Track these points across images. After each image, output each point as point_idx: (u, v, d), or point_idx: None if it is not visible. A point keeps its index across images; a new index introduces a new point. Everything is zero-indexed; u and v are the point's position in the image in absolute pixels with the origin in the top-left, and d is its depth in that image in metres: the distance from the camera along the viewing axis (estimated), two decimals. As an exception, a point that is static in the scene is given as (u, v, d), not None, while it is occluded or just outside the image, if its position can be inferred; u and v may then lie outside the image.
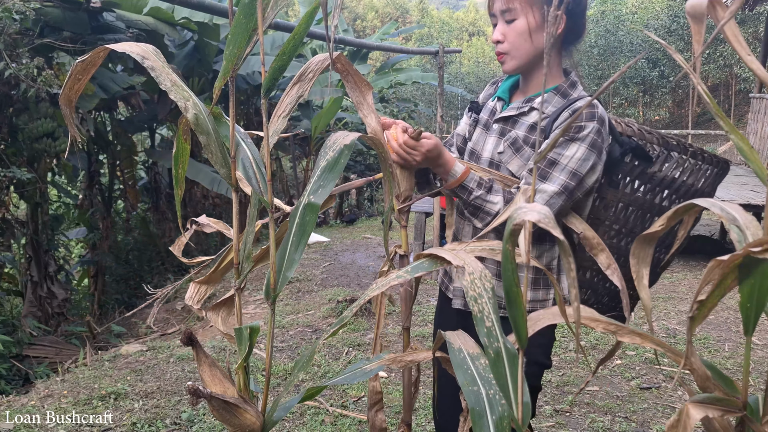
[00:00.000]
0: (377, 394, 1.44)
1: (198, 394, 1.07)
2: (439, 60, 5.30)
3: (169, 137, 9.78)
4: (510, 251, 0.84)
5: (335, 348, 3.80)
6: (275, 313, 1.27)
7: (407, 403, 1.48)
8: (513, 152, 1.51)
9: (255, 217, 1.22)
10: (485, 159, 1.57)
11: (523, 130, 1.51)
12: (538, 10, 1.45)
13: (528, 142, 1.49)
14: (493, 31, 1.53)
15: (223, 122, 1.21)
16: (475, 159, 1.61)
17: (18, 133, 5.66)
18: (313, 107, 10.74)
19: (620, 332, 1.00)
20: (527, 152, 1.49)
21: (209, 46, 7.98)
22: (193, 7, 5.36)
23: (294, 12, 20.27)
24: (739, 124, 15.20)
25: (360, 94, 1.30)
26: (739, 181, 7.36)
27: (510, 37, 1.48)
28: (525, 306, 0.89)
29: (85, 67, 1.09)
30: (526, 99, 1.55)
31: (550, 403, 3.03)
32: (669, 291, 5.00)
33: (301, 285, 5.57)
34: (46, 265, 6.27)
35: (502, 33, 1.49)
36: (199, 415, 2.92)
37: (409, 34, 22.38)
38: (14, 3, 4.75)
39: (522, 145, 1.50)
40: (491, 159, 1.56)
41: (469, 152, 1.65)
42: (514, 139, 1.52)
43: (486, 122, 1.63)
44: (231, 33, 1.08)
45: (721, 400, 0.91)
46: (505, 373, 0.92)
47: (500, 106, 1.62)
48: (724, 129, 0.88)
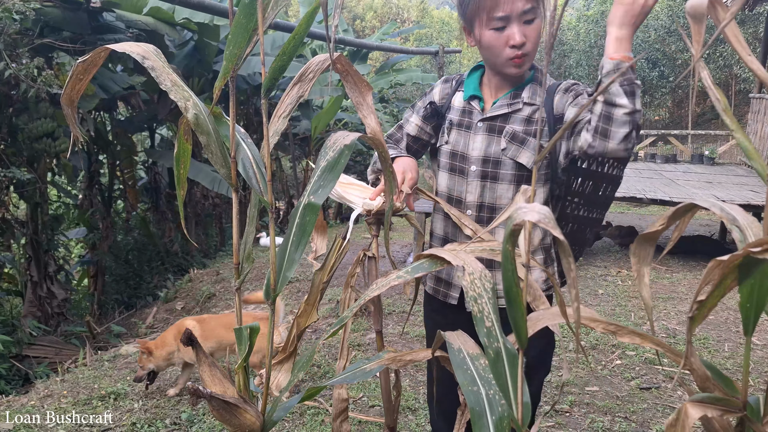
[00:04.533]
0: (343, 402, 1.43)
1: (198, 394, 1.07)
2: (439, 60, 5.30)
3: (169, 137, 9.78)
4: (510, 251, 0.84)
5: (335, 348, 3.79)
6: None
7: (388, 407, 1.48)
8: (518, 145, 1.55)
9: (255, 217, 1.22)
10: (476, 157, 1.60)
11: (519, 125, 1.55)
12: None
13: (529, 133, 1.54)
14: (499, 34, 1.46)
15: (223, 122, 1.21)
16: (460, 159, 1.63)
17: (18, 133, 5.66)
18: (313, 107, 10.74)
19: (620, 332, 1.00)
20: (532, 142, 1.53)
21: (209, 46, 7.98)
22: (193, 7, 5.37)
23: (294, 12, 20.27)
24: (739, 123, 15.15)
25: (360, 94, 1.30)
26: (739, 181, 7.36)
27: (532, 38, 1.45)
28: (525, 305, 0.89)
29: (86, 68, 1.09)
30: (511, 94, 1.57)
31: (549, 403, 3.02)
32: (669, 291, 5.00)
33: (301, 285, 5.57)
34: (46, 265, 6.27)
35: (524, 34, 1.44)
36: (198, 415, 2.92)
37: (409, 34, 22.37)
38: (14, 3, 4.75)
39: (525, 137, 1.54)
40: (485, 157, 1.59)
41: (449, 154, 1.66)
42: (512, 134, 1.55)
43: (465, 123, 1.63)
44: (231, 33, 1.08)
45: (720, 399, 0.91)
46: (504, 374, 0.92)
47: (477, 104, 1.62)
48: (729, 127, 0.88)
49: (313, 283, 1.36)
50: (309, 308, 1.32)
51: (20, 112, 5.70)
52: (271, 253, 1.15)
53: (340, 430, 1.42)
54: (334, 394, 1.44)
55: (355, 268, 1.47)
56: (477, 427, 0.91)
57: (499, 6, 1.42)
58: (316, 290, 1.34)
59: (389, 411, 1.48)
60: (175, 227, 8.74)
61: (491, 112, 1.59)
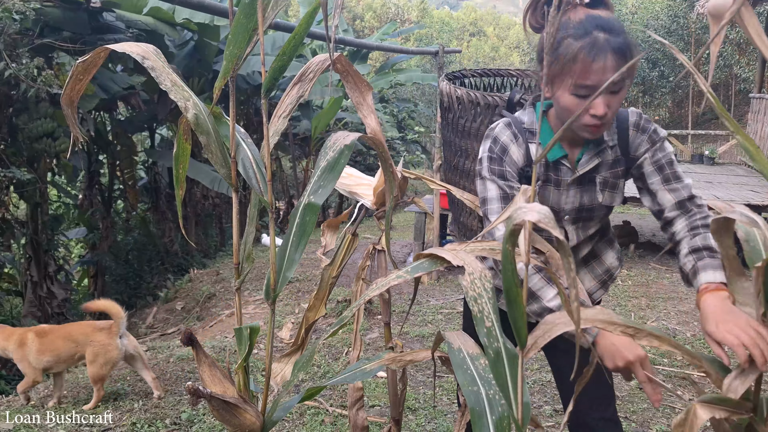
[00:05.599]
0: (358, 390, 1.45)
1: (198, 394, 1.07)
2: (439, 60, 5.30)
3: (169, 137, 9.78)
4: (510, 251, 0.84)
5: (335, 348, 3.80)
6: (275, 313, 1.27)
7: (394, 400, 1.49)
8: (611, 191, 1.56)
9: (255, 217, 1.22)
10: (570, 209, 1.57)
11: (606, 170, 1.54)
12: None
13: (617, 176, 1.55)
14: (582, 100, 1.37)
15: (223, 122, 1.22)
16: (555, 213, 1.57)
17: (18, 133, 5.66)
18: (313, 107, 10.74)
19: (639, 335, 0.99)
20: (621, 183, 1.55)
21: (209, 46, 7.99)
22: (193, 7, 5.36)
23: (294, 12, 20.26)
24: (739, 124, 15.13)
25: (360, 94, 1.30)
26: (739, 181, 7.36)
27: (614, 106, 1.39)
28: (525, 305, 0.89)
29: (86, 68, 1.09)
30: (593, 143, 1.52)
31: (550, 403, 3.02)
32: (669, 291, 5.00)
33: (301, 285, 5.57)
34: (46, 265, 6.27)
35: (607, 104, 1.37)
36: (198, 415, 2.92)
37: (409, 34, 22.37)
38: (14, 3, 4.75)
39: (615, 182, 1.55)
40: (580, 207, 1.57)
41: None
42: (603, 182, 1.55)
43: (552, 179, 1.56)
44: (231, 33, 1.08)
45: (729, 401, 0.91)
46: (504, 374, 0.92)
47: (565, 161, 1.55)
48: (729, 129, 0.88)
49: (323, 278, 1.37)
50: (318, 303, 1.33)
51: (20, 112, 5.70)
52: (271, 253, 1.15)
53: (357, 418, 1.43)
54: (349, 384, 1.45)
55: (365, 261, 1.50)
56: (477, 427, 0.91)
57: (588, 76, 1.33)
58: (326, 285, 1.35)
59: (395, 404, 1.48)
60: (175, 227, 8.74)
61: (583, 168, 1.53)
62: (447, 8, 52.22)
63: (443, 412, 2.94)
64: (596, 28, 1.33)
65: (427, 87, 17.02)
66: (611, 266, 1.71)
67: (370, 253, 1.54)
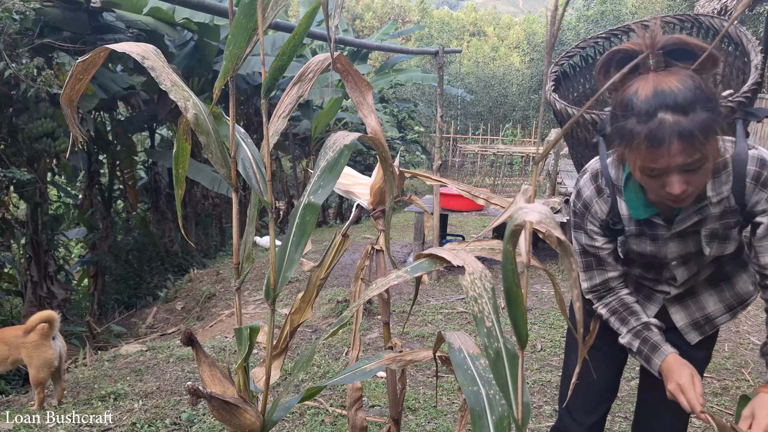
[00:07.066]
0: (357, 391, 1.44)
1: (198, 394, 1.07)
2: (439, 60, 5.30)
3: (169, 137, 9.78)
4: (510, 251, 0.84)
5: (335, 348, 3.80)
6: (275, 313, 1.27)
7: (393, 399, 1.49)
8: (721, 242, 1.45)
9: (255, 217, 1.22)
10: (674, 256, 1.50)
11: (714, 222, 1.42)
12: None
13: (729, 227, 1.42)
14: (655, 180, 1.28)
15: (223, 122, 1.22)
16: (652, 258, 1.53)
17: (18, 133, 5.66)
18: (313, 107, 10.74)
19: None
20: (733, 233, 1.43)
21: (209, 46, 7.99)
22: (193, 7, 5.36)
23: (294, 12, 20.27)
24: (739, 124, 15.15)
25: (360, 94, 1.30)
26: (739, 182, 7.34)
27: (696, 183, 1.27)
28: (525, 305, 0.89)
29: (85, 67, 1.09)
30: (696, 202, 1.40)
31: (549, 403, 3.02)
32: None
33: (301, 285, 5.57)
34: (46, 265, 6.27)
35: (686, 182, 1.25)
36: (198, 415, 2.92)
37: (409, 34, 22.37)
38: (14, 3, 4.75)
39: (726, 232, 1.43)
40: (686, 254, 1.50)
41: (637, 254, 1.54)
42: (710, 234, 1.44)
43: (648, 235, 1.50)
44: (231, 33, 1.08)
45: None
46: (505, 374, 0.92)
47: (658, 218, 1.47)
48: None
49: (310, 280, 1.36)
50: (304, 305, 1.32)
51: (20, 112, 5.69)
52: (270, 253, 1.15)
53: (356, 419, 1.43)
54: (348, 385, 1.45)
55: (363, 261, 1.50)
56: (477, 427, 0.91)
57: (655, 161, 1.22)
58: (313, 287, 1.34)
59: (394, 404, 1.48)
60: (175, 227, 8.74)
61: (680, 225, 1.43)
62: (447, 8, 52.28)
63: (443, 412, 2.93)
64: (662, 109, 1.19)
65: (427, 87, 17.01)
66: (742, 291, 1.59)
67: (369, 253, 1.54)
